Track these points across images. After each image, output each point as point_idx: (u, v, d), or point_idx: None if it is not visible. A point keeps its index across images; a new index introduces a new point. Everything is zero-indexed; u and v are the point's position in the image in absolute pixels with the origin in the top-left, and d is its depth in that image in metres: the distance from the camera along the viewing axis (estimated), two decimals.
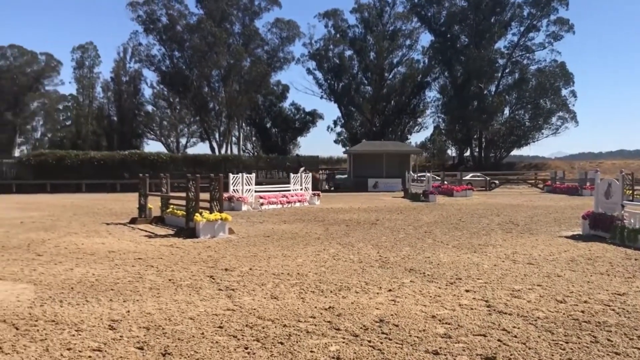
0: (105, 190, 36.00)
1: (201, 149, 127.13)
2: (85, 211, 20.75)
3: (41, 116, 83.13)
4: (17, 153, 70.78)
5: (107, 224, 15.89)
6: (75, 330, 5.44)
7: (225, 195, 18.06)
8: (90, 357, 4.71)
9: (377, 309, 6.27)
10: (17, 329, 5.51)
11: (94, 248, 11.05)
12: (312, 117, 74.99)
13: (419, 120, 72.68)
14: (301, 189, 25.21)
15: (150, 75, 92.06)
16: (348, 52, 68.52)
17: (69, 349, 4.90)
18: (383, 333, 5.34)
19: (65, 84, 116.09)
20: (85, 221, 16.69)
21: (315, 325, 5.61)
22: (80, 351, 4.85)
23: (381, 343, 5.04)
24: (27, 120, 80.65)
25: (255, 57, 65.18)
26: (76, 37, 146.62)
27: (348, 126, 71.10)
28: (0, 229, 14.31)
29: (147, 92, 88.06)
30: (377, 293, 7.07)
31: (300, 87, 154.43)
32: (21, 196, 32.46)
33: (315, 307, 6.33)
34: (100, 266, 9.03)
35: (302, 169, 31.97)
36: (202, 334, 5.34)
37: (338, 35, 67.99)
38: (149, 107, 74.63)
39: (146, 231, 14.19)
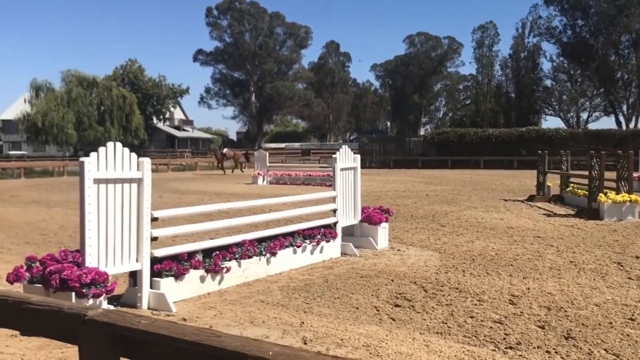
0: (502, 167, 36.45)
1: (605, 123, 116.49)
2: (483, 187, 21.44)
3: (443, 97, 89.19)
4: (422, 132, 77.66)
5: (505, 200, 16.07)
6: (477, 300, 5.67)
7: (635, 174, 16.12)
8: (491, 327, 4.84)
9: None
10: (425, 291, 6.05)
11: (493, 223, 11.32)
12: None
13: None
14: None
15: (549, 49, 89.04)
16: None
17: (471, 317, 5.13)
18: None
19: (466, 65, 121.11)
20: (483, 196, 17.25)
21: None
22: (482, 321, 5.02)
23: None
24: (431, 101, 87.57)
25: None
26: (476, 18, 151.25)
27: None
28: (409, 200, 15.95)
29: (546, 66, 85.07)
30: None
31: None
32: (425, 171, 35.60)
33: None
34: (499, 241, 9.19)
35: (225, 150, 30.64)
36: (610, 323, 4.90)
37: None
38: (548, 82, 72.13)
39: (544, 209, 13.81)
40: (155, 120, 70.32)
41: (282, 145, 73.25)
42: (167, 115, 72.93)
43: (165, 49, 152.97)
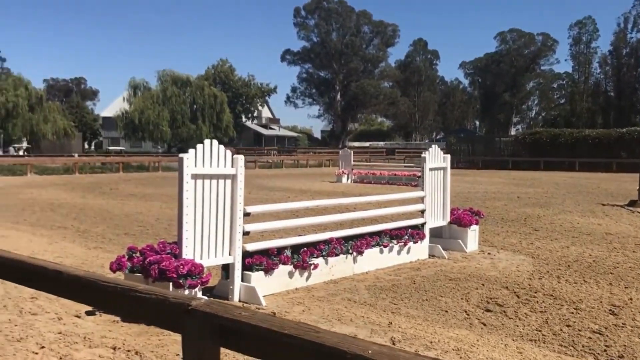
0: (599, 170, 34.52)
1: None
2: (579, 190, 20.41)
3: (536, 95, 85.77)
4: (512, 131, 74.99)
5: (603, 204, 15.22)
6: (574, 309, 5.40)
7: None
8: (590, 338, 4.60)
9: None
10: (518, 297, 5.83)
11: (590, 228, 10.75)
12: None
13: None
14: None
15: None
16: None
17: (568, 326, 4.89)
18: None
19: (561, 62, 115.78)
20: (579, 200, 16.42)
21: None
22: (579, 330, 4.78)
23: None
24: (523, 100, 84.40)
25: None
26: (573, 13, 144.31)
27: None
28: (500, 202, 15.45)
29: None
30: None
31: None
32: (516, 172, 34.33)
33: None
34: (597, 247, 8.72)
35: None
36: None
37: None
38: None
39: None
40: (244, 119, 72.20)
41: (366, 144, 73.10)
42: (255, 114, 74.69)
43: (254, 49, 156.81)
